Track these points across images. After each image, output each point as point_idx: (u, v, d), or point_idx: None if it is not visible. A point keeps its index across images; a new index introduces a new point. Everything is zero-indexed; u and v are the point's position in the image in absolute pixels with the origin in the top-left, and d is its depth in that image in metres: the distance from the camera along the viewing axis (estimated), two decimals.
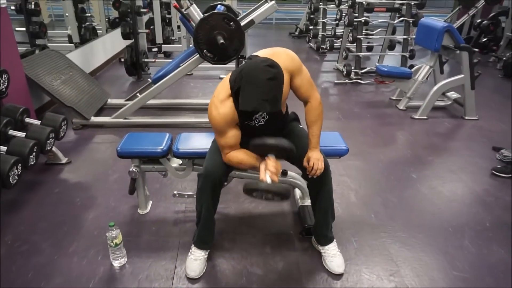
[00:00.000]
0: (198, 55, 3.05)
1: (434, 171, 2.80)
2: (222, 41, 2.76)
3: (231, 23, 2.81)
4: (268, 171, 1.51)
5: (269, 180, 1.49)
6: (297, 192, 2.28)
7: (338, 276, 1.77)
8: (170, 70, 3.29)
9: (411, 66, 4.64)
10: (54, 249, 1.89)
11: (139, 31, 4.64)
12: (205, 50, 2.90)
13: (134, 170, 2.02)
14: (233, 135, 1.61)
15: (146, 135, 2.17)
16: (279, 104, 1.45)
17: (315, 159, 1.63)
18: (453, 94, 4.01)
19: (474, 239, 2.05)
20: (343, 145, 2.01)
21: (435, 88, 3.77)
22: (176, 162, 2.10)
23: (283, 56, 1.57)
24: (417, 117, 3.78)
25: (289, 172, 2.09)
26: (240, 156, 1.64)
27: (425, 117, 3.78)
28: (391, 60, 5.98)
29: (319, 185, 1.73)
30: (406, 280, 1.76)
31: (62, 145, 2.87)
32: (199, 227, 1.77)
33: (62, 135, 2.65)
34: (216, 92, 1.60)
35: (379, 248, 1.97)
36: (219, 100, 1.56)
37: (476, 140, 3.34)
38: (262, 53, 1.59)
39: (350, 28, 4.98)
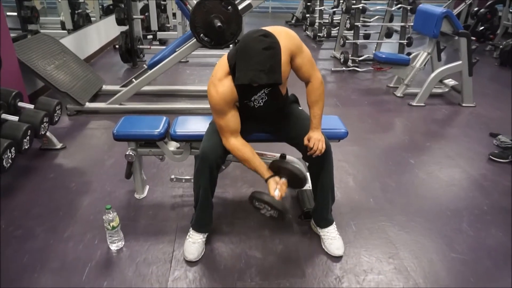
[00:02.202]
0: (194, 40, 2.99)
1: (432, 156, 2.79)
2: (219, 24, 2.71)
3: (229, 6, 2.75)
4: (279, 190, 1.58)
5: (277, 197, 1.57)
6: None
7: (338, 259, 1.76)
8: (167, 55, 3.23)
9: (409, 54, 4.62)
10: (49, 234, 1.86)
11: (134, 17, 4.55)
12: (202, 34, 2.85)
13: (130, 153, 1.98)
14: (233, 115, 1.58)
15: (143, 118, 2.13)
16: (278, 76, 1.38)
17: (315, 139, 1.61)
18: (451, 81, 3.99)
19: (472, 223, 2.05)
20: (342, 128, 1.98)
21: (433, 75, 3.75)
22: (173, 146, 2.07)
23: (283, 35, 1.50)
24: (414, 104, 3.76)
25: (288, 156, 2.06)
26: (247, 154, 1.62)
27: (422, 104, 3.76)
28: (389, 48, 5.93)
29: (321, 166, 1.71)
30: (405, 262, 1.75)
31: (56, 131, 2.82)
32: (197, 210, 1.75)
33: (57, 119, 2.59)
34: (214, 71, 1.56)
35: (378, 231, 1.96)
36: (217, 78, 1.52)
37: (473, 126, 3.34)
38: None
39: (348, 15, 4.93)
